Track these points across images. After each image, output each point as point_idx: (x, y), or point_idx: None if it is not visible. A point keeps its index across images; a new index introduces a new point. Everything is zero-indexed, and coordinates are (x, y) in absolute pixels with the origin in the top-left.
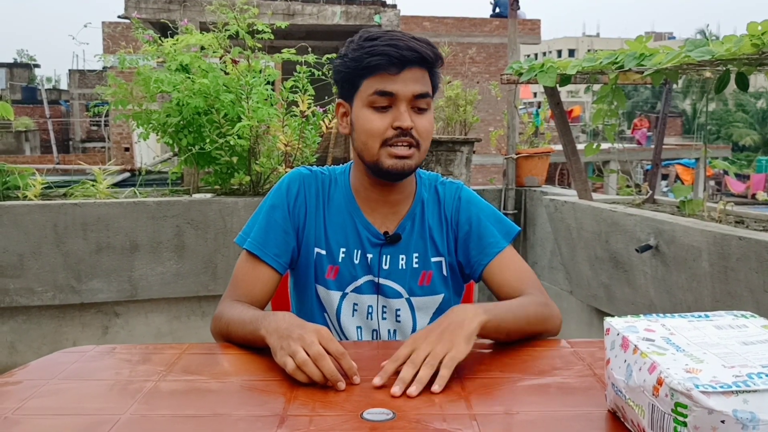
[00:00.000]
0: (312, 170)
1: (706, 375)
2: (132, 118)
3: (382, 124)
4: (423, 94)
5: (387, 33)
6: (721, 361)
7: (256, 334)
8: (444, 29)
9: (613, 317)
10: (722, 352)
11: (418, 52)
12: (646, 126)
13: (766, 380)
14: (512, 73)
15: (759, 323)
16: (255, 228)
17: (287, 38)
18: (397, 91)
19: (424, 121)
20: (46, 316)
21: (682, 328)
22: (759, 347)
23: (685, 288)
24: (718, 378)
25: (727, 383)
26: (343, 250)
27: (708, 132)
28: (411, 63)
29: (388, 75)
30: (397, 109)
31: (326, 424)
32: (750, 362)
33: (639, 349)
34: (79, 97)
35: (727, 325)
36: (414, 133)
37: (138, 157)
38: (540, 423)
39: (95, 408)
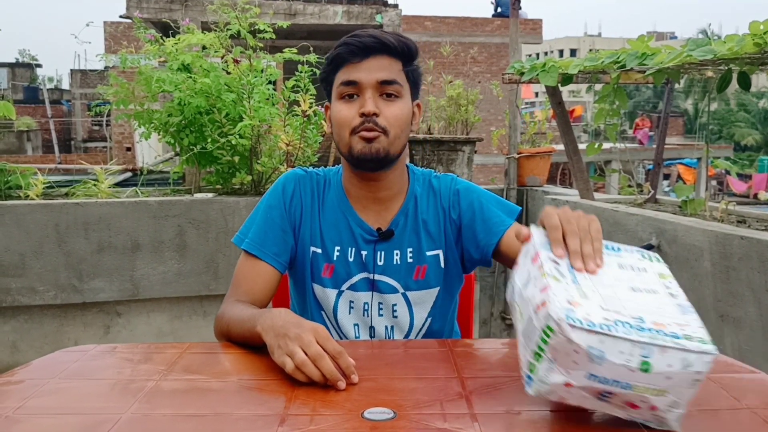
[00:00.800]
0: (307, 171)
1: (581, 311)
2: (133, 118)
3: (350, 112)
4: (389, 81)
5: (361, 29)
6: (602, 302)
7: (253, 331)
8: (445, 29)
9: (540, 228)
10: (608, 294)
11: (378, 39)
12: (648, 126)
13: (626, 330)
14: (514, 72)
15: (658, 269)
16: (253, 228)
17: (289, 38)
18: (360, 78)
19: (393, 108)
20: (48, 316)
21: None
22: (643, 296)
23: (686, 287)
24: (589, 317)
25: (593, 323)
26: (338, 248)
27: (710, 132)
28: (373, 51)
29: (352, 64)
30: (363, 96)
31: (327, 423)
32: (625, 310)
33: (543, 269)
34: (81, 97)
35: (629, 265)
36: (380, 120)
37: (139, 156)
38: (541, 423)
39: (96, 407)
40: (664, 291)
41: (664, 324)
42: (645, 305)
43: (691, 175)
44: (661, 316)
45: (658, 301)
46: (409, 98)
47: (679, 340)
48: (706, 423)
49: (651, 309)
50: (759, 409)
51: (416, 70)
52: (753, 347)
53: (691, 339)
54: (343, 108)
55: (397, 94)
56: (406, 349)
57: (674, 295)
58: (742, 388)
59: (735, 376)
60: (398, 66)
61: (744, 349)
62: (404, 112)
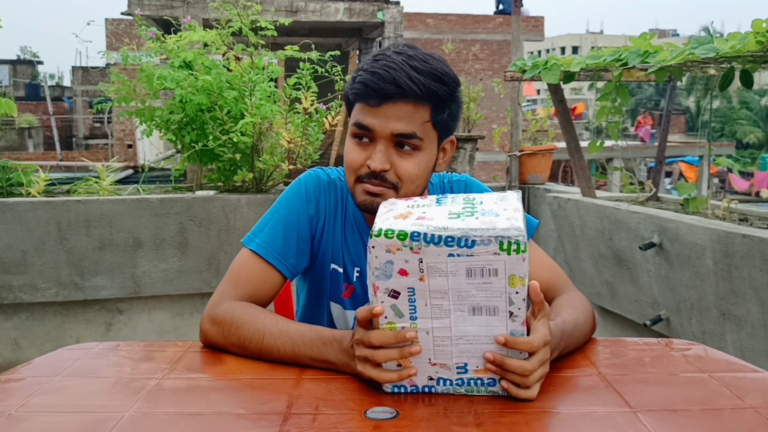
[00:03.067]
0: (330, 176)
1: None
2: (135, 115)
3: (358, 158)
4: (406, 135)
5: (390, 56)
6: (432, 354)
7: (322, 360)
8: (447, 26)
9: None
10: (441, 338)
11: (400, 87)
12: (650, 123)
13: (446, 388)
14: (516, 70)
15: (510, 271)
16: (267, 229)
17: (290, 35)
18: (375, 126)
19: (409, 163)
20: (50, 313)
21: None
22: (478, 323)
23: (688, 286)
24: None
25: (417, 387)
26: (357, 269)
27: (712, 129)
28: (393, 97)
29: (369, 107)
30: (375, 146)
31: (329, 422)
32: (452, 359)
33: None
34: (83, 94)
35: (480, 269)
36: (389, 175)
37: (141, 154)
38: (543, 420)
39: (99, 405)
40: (504, 309)
41: (485, 370)
42: (476, 342)
43: (693, 173)
44: (484, 359)
45: (491, 330)
46: (434, 146)
47: (492, 388)
48: (708, 422)
49: (480, 348)
50: (762, 408)
51: (449, 114)
52: (755, 345)
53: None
54: (353, 150)
55: (416, 146)
56: None
57: (514, 315)
58: (745, 387)
59: (738, 375)
60: (424, 114)
61: (746, 348)
62: (420, 167)
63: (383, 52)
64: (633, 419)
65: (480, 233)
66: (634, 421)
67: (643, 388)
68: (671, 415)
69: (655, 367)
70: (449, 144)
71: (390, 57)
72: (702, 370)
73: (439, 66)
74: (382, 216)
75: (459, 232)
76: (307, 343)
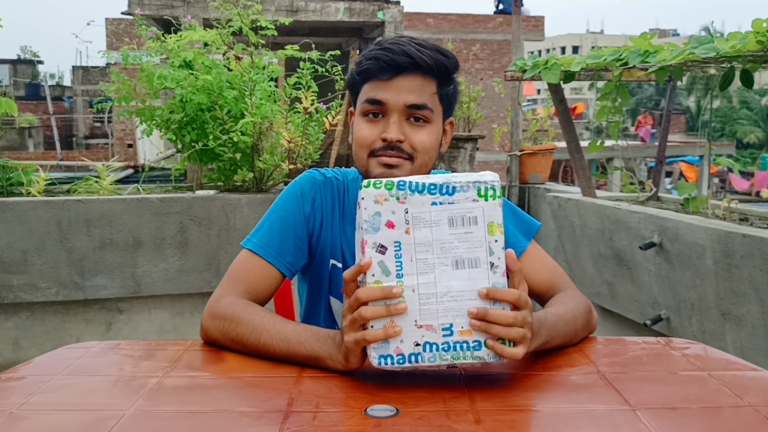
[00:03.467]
0: (326, 176)
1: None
2: (135, 115)
3: (371, 134)
4: (418, 105)
5: (396, 38)
6: (418, 316)
7: (312, 356)
8: (447, 26)
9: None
10: (426, 294)
11: (411, 57)
12: (650, 123)
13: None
14: (516, 70)
15: (489, 218)
16: (264, 229)
17: (290, 35)
18: (388, 99)
19: (422, 134)
20: (50, 313)
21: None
22: (462, 277)
23: (688, 285)
24: (401, 349)
25: (404, 356)
26: None
27: (712, 129)
28: (405, 69)
29: (381, 81)
30: (388, 119)
31: (330, 420)
32: (438, 319)
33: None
34: (83, 94)
35: (461, 217)
36: (405, 146)
37: (141, 153)
38: (543, 419)
39: (100, 404)
40: (485, 260)
41: (470, 331)
42: (461, 298)
43: (694, 172)
44: (469, 318)
45: (475, 284)
46: (440, 121)
47: (478, 352)
48: (708, 421)
49: (465, 306)
50: (761, 406)
51: (453, 90)
52: (755, 345)
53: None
54: (365, 127)
55: (427, 119)
56: None
57: (495, 265)
58: (745, 386)
59: (737, 373)
60: (432, 87)
61: (746, 347)
62: (432, 138)
63: (385, 38)
64: (632, 417)
65: (459, 179)
66: (633, 420)
67: (642, 387)
68: (671, 414)
69: (655, 365)
70: (449, 125)
71: (396, 39)
72: (701, 369)
73: (439, 46)
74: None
75: (441, 179)
76: (302, 342)
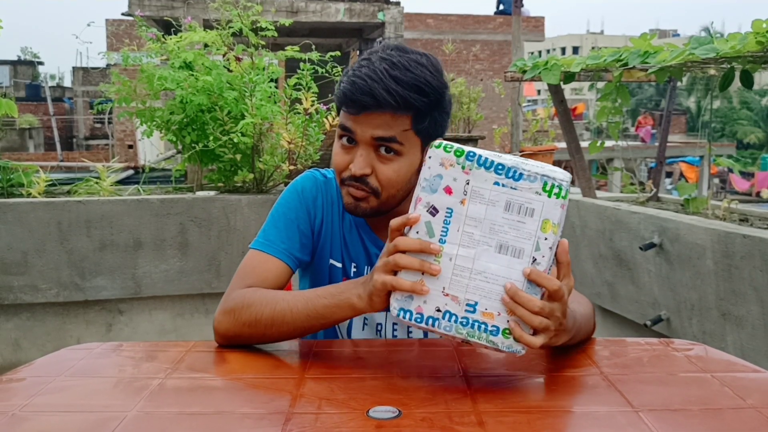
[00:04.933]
0: (326, 176)
1: (416, 303)
2: (136, 116)
3: (342, 161)
4: (386, 138)
5: (373, 64)
6: (447, 284)
7: (343, 304)
8: (448, 26)
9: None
10: (462, 267)
11: (375, 98)
12: (651, 123)
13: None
14: (516, 70)
15: (546, 214)
16: (268, 228)
17: (291, 36)
18: (356, 131)
19: (388, 169)
20: (50, 314)
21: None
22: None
23: (689, 286)
24: (422, 309)
25: (422, 315)
26: (355, 265)
27: (712, 130)
28: (369, 108)
29: (349, 114)
30: (356, 150)
31: (332, 421)
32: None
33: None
34: (83, 95)
35: (518, 205)
36: (371, 179)
37: (142, 154)
38: (545, 420)
39: (102, 405)
40: (529, 253)
41: (492, 314)
42: (493, 282)
43: (694, 173)
44: (497, 302)
45: (511, 273)
46: (417, 151)
47: (493, 337)
48: (709, 422)
49: (495, 290)
50: (763, 408)
51: (431, 121)
52: (755, 346)
53: (506, 335)
54: (339, 152)
55: (397, 151)
56: (410, 347)
57: (538, 262)
58: (746, 387)
59: (739, 375)
60: (404, 122)
61: (746, 348)
62: (401, 173)
63: (370, 56)
64: (635, 419)
65: (529, 168)
66: (636, 421)
67: (644, 388)
68: (672, 415)
69: (656, 366)
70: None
71: (373, 64)
72: (703, 370)
73: (421, 75)
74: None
75: (511, 162)
76: (321, 294)
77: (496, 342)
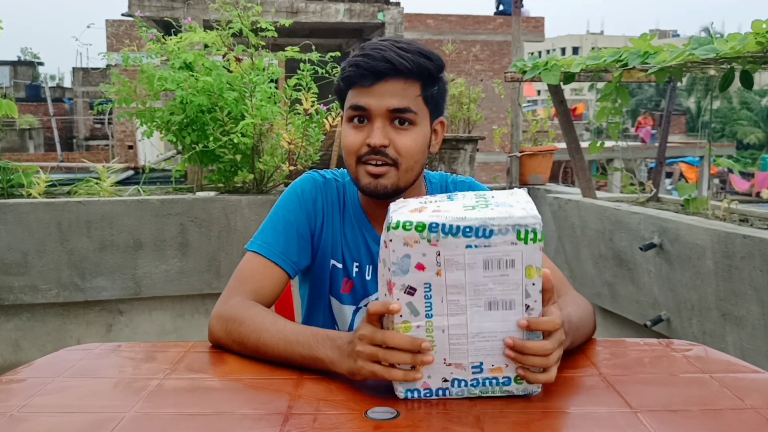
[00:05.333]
0: (326, 177)
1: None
2: (136, 116)
3: (357, 139)
4: (401, 109)
5: (377, 42)
6: (447, 355)
7: (311, 357)
8: (448, 27)
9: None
10: (456, 335)
11: (391, 63)
12: (650, 124)
13: (460, 391)
14: (516, 71)
15: (528, 261)
16: (267, 231)
17: (291, 36)
18: (370, 105)
19: (405, 138)
20: (51, 314)
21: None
22: (495, 319)
23: (689, 286)
24: (429, 383)
25: (431, 390)
26: (357, 264)
27: (712, 130)
28: (385, 75)
29: (363, 87)
30: (372, 124)
31: (330, 422)
32: (468, 358)
33: (395, 318)
34: (83, 95)
35: (497, 260)
36: (389, 151)
37: (142, 154)
38: (544, 421)
39: (101, 405)
40: (520, 302)
41: (501, 368)
42: (492, 339)
43: (694, 173)
44: (501, 356)
45: (508, 325)
46: (427, 123)
47: (507, 387)
48: (709, 423)
49: (496, 346)
50: (762, 408)
51: (438, 90)
52: (755, 346)
53: (518, 382)
54: (351, 133)
55: (411, 121)
56: None
57: (531, 308)
58: (746, 388)
59: (738, 375)
60: (415, 89)
61: (746, 348)
62: (418, 141)
63: (367, 43)
64: (634, 420)
65: (498, 222)
66: (634, 422)
67: (643, 389)
68: (672, 416)
69: (656, 367)
70: (440, 125)
71: (376, 42)
72: (702, 371)
73: (423, 47)
74: (396, 211)
75: (477, 221)
76: (301, 341)
77: (511, 390)
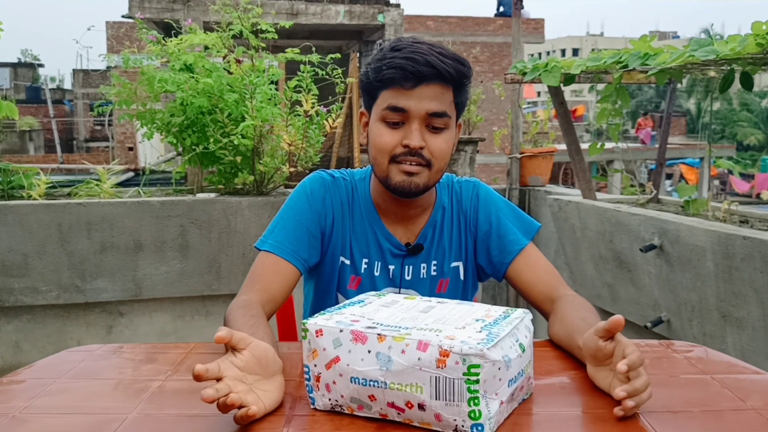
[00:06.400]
0: (334, 176)
1: (471, 338)
2: (136, 118)
3: (392, 140)
4: (438, 113)
5: (413, 44)
6: (454, 325)
7: None
8: (448, 28)
9: (310, 319)
10: (438, 319)
11: (435, 68)
12: (651, 125)
13: (500, 327)
14: (516, 72)
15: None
16: (277, 230)
17: (291, 38)
18: (410, 107)
19: (439, 140)
20: (51, 316)
21: (371, 312)
22: (437, 310)
23: (689, 288)
24: (473, 337)
25: (483, 340)
26: (366, 261)
27: (712, 131)
28: (427, 79)
29: (403, 90)
30: (409, 126)
31: (332, 423)
32: (465, 321)
33: (386, 336)
34: (83, 97)
35: (389, 302)
36: (425, 152)
37: (142, 156)
38: (545, 423)
39: (102, 407)
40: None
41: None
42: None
43: (694, 174)
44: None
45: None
46: (455, 126)
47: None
48: (710, 423)
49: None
50: (763, 409)
51: (467, 92)
52: (756, 347)
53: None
54: (386, 133)
55: (445, 125)
56: None
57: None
58: (746, 389)
59: (739, 376)
60: (449, 95)
61: (747, 349)
62: (449, 144)
63: (399, 42)
64: (635, 420)
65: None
66: (635, 423)
67: None
68: (672, 417)
69: (657, 368)
70: (458, 128)
71: (414, 45)
72: (703, 372)
73: (455, 52)
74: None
75: None
76: None
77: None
